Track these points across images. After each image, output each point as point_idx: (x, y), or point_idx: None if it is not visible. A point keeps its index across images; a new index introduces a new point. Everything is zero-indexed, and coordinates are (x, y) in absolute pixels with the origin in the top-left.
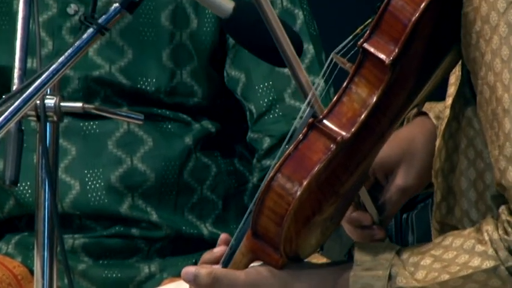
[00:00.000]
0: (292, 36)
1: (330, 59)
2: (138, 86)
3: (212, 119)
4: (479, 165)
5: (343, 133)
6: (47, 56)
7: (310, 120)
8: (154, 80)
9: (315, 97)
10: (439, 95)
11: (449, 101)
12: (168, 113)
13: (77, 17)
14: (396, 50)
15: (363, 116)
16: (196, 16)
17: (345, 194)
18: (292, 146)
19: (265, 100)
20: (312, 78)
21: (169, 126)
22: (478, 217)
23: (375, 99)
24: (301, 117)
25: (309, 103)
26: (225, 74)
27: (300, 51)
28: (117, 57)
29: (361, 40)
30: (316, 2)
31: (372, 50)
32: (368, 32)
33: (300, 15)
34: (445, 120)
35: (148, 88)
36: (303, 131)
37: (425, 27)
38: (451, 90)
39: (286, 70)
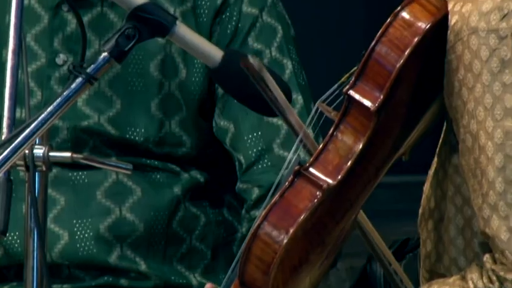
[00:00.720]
0: (281, 86)
1: (315, 108)
2: (127, 136)
3: (201, 169)
4: (467, 212)
5: (330, 181)
6: (35, 106)
7: (296, 167)
8: (143, 130)
9: (307, 138)
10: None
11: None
12: (156, 163)
13: (65, 67)
14: (381, 97)
15: (349, 164)
16: (184, 66)
17: (331, 243)
18: (278, 193)
19: (254, 150)
20: None
21: (158, 176)
22: (466, 265)
23: (360, 147)
24: (287, 167)
25: (298, 147)
26: (214, 124)
27: (289, 99)
28: (106, 108)
29: (347, 87)
30: (306, 52)
31: (357, 96)
32: (353, 79)
33: (288, 65)
34: (433, 167)
35: (137, 138)
36: (289, 179)
37: (410, 74)
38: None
39: (275, 120)
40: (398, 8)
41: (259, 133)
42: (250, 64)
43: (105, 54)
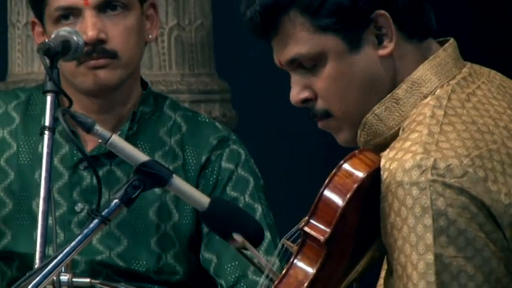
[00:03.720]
0: (254, 224)
1: (281, 244)
2: (132, 267)
3: None
4: None
5: None
6: (59, 245)
7: None
8: (144, 263)
9: (271, 271)
10: None
11: (380, 280)
12: (156, 287)
13: (83, 214)
14: (329, 231)
15: (305, 285)
16: (177, 211)
17: None
18: None
19: (233, 276)
20: (269, 258)
21: None
22: None
23: (314, 271)
24: None
25: (266, 276)
26: (200, 256)
27: (261, 236)
28: (115, 245)
29: (302, 224)
30: (273, 196)
31: (310, 231)
32: (307, 217)
33: (259, 208)
34: None
35: (140, 269)
36: None
37: (352, 214)
38: (382, 274)
39: (249, 252)
40: (342, 161)
41: (237, 262)
42: (235, 241)
43: (116, 200)
